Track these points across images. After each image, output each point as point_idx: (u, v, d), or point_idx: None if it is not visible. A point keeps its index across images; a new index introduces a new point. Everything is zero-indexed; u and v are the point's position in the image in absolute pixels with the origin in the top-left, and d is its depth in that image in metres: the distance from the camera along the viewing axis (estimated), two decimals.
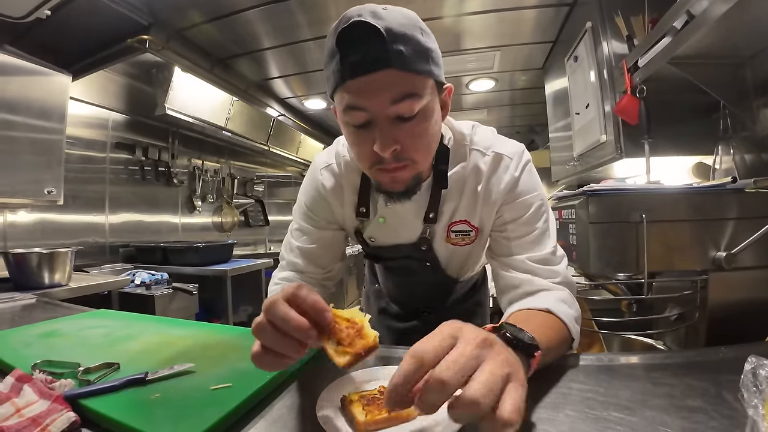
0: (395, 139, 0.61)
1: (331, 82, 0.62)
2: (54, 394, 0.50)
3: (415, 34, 0.59)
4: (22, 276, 1.67)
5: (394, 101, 0.59)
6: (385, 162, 0.64)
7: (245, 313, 3.04)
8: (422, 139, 0.65)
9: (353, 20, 0.55)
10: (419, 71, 0.60)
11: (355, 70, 0.58)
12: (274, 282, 0.91)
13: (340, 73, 0.59)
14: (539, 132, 4.23)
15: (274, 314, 0.43)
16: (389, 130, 0.61)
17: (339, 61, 0.59)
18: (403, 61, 0.58)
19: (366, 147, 0.64)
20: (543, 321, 0.63)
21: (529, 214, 0.76)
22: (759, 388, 0.42)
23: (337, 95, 0.63)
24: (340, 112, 0.65)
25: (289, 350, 0.44)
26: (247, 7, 2.12)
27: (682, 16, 1.18)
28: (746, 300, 1.00)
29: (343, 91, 0.61)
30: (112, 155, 2.75)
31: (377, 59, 0.57)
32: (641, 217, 0.98)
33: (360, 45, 0.56)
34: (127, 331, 0.84)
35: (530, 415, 0.47)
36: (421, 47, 0.60)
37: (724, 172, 1.42)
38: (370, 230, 0.86)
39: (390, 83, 0.58)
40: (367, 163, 0.67)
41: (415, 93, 0.60)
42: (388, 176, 0.67)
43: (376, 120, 0.61)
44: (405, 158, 0.64)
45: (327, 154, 0.87)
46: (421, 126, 0.63)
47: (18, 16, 1.67)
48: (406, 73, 0.59)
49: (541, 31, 2.41)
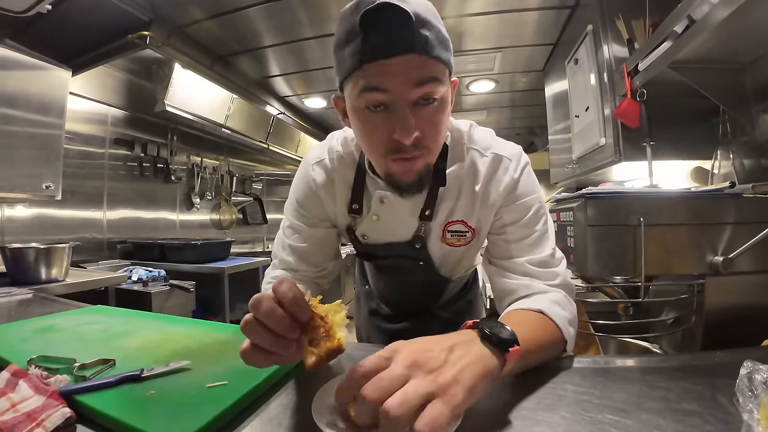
0: (416, 124, 0.60)
1: (346, 65, 0.60)
2: (49, 390, 0.49)
3: (437, 23, 0.59)
4: (19, 271, 1.66)
5: (418, 83, 0.58)
6: (403, 150, 0.62)
7: (242, 311, 3.03)
8: (439, 128, 0.64)
9: (380, 1, 0.54)
10: (442, 59, 0.60)
11: (378, 53, 0.57)
12: (266, 281, 0.89)
13: (359, 55, 0.57)
14: (539, 134, 4.24)
15: (258, 311, 0.44)
16: (410, 115, 0.59)
17: (360, 43, 0.57)
18: (428, 47, 0.57)
19: (381, 133, 0.62)
20: (530, 320, 0.63)
21: (528, 216, 0.76)
22: (754, 392, 0.42)
23: (350, 80, 0.61)
24: (353, 96, 0.61)
25: (275, 346, 0.45)
26: (248, 4, 2.11)
27: (683, 21, 1.18)
28: (743, 304, 1.00)
29: (361, 74, 0.59)
30: (110, 151, 2.75)
31: (404, 42, 0.56)
32: (639, 220, 0.98)
33: (386, 27, 0.55)
34: (124, 327, 0.84)
35: (526, 416, 0.48)
36: (442, 35, 0.60)
37: (723, 176, 1.42)
38: (363, 227, 0.85)
39: (415, 66, 0.57)
40: (381, 150, 0.64)
41: (438, 78, 0.59)
42: (403, 166, 0.65)
43: (396, 104, 0.59)
44: (423, 146, 0.63)
45: (319, 149, 0.85)
46: (439, 114, 0.63)
47: (19, 10, 1.66)
48: (431, 59, 0.58)
49: (541, 33, 2.41)
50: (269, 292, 0.46)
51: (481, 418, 0.48)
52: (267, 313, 0.44)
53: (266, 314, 0.44)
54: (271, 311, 0.44)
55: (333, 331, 0.47)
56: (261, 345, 0.45)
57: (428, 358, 0.41)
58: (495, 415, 0.49)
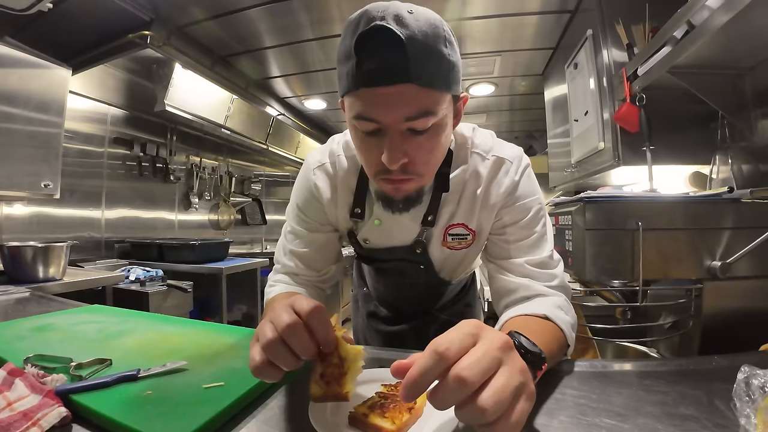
0: (404, 152, 0.60)
1: (344, 83, 0.59)
2: (46, 389, 0.49)
3: (440, 48, 0.56)
4: (17, 269, 1.66)
5: (409, 118, 0.57)
6: (392, 173, 0.62)
7: (240, 312, 3.03)
8: (431, 154, 0.64)
9: (375, 24, 0.52)
10: (438, 88, 0.57)
11: (371, 80, 0.55)
12: (269, 284, 0.89)
13: (354, 79, 0.56)
14: (537, 138, 4.25)
15: (291, 338, 0.43)
16: (399, 143, 0.59)
17: (355, 66, 0.55)
18: (423, 78, 0.55)
19: (374, 155, 0.62)
20: (543, 329, 0.62)
21: (528, 217, 0.76)
22: (751, 397, 0.42)
23: (348, 98, 0.61)
24: (350, 116, 0.62)
25: (294, 366, 0.45)
26: (249, 5, 2.12)
27: (683, 26, 1.18)
28: (740, 309, 1.00)
29: (356, 97, 0.58)
30: (110, 150, 2.75)
31: (396, 72, 0.54)
32: (637, 224, 0.98)
33: (379, 54, 0.53)
34: (121, 327, 0.83)
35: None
36: (443, 63, 0.57)
37: (721, 181, 1.43)
38: (365, 232, 0.84)
39: (407, 99, 0.56)
40: (372, 170, 0.65)
41: (430, 111, 0.58)
42: (392, 186, 0.65)
43: (387, 131, 0.59)
44: (412, 172, 0.63)
45: (320, 153, 0.84)
46: (433, 141, 0.62)
47: (20, 8, 1.66)
48: (425, 89, 0.56)
49: (541, 37, 2.42)
50: (291, 306, 0.46)
51: None
52: (292, 333, 0.43)
53: (291, 335, 0.43)
54: (296, 332, 0.43)
55: (346, 380, 0.46)
56: (281, 366, 0.44)
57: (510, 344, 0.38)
58: None
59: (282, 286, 0.85)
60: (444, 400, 0.34)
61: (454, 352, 0.35)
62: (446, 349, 0.35)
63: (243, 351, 0.68)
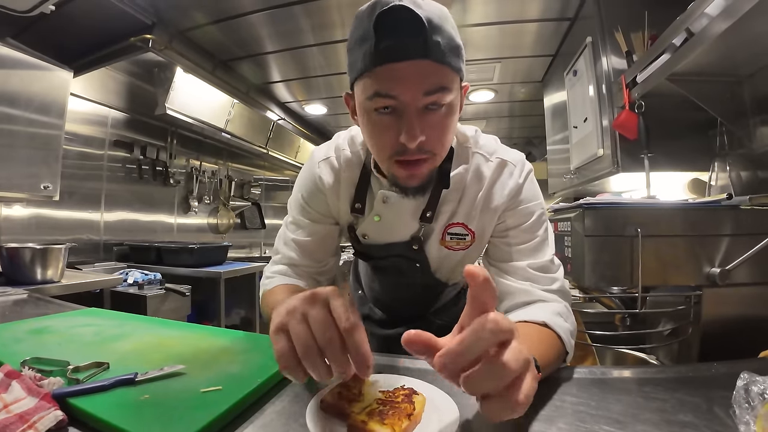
0: (422, 129, 0.61)
1: (358, 66, 0.61)
2: (42, 392, 0.49)
3: (450, 29, 0.60)
4: (15, 270, 1.66)
5: (427, 92, 0.59)
6: (408, 152, 0.63)
7: (238, 316, 3.02)
8: (445, 133, 0.65)
9: (395, 4, 0.54)
10: (452, 66, 0.60)
11: (390, 56, 0.57)
12: (266, 276, 0.89)
13: (371, 56, 0.58)
14: (537, 144, 4.26)
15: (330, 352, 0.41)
16: (417, 120, 0.60)
17: (373, 45, 0.57)
18: (441, 54, 0.58)
19: (389, 135, 0.63)
20: (540, 337, 0.62)
21: (531, 221, 0.76)
22: (751, 404, 0.42)
23: (361, 81, 0.62)
24: (362, 99, 0.63)
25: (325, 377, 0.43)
26: (251, 10, 2.13)
27: (682, 34, 1.19)
28: (739, 316, 1.00)
29: (373, 76, 0.59)
30: (110, 153, 2.75)
31: (416, 48, 0.56)
32: (636, 231, 0.98)
33: (399, 31, 0.55)
34: (118, 330, 0.83)
35: (523, 428, 0.47)
36: (454, 42, 0.60)
37: (720, 188, 1.43)
38: (364, 227, 0.85)
39: (425, 74, 0.58)
40: (387, 152, 0.65)
41: (447, 86, 0.60)
42: (406, 171, 0.66)
43: (405, 109, 0.60)
44: (427, 150, 0.64)
45: (326, 147, 0.86)
46: (447, 119, 0.63)
47: (22, 10, 1.67)
48: (441, 66, 0.58)
49: (541, 44, 2.43)
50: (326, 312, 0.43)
51: (477, 429, 0.48)
52: (332, 348, 0.41)
53: (331, 349, 0.41)
54: (335, 348, 0.41)
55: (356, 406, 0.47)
56: (314, 376, 0.43)
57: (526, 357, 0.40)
58: (491, 427, 0.49)
59: (280, 278, 0.85)
60: (479, 385, 0.37)
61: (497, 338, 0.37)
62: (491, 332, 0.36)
63: (241, 355, 0.68)
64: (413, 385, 0.53)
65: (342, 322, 0.41)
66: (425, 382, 0.54)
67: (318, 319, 0.42)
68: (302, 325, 0.43)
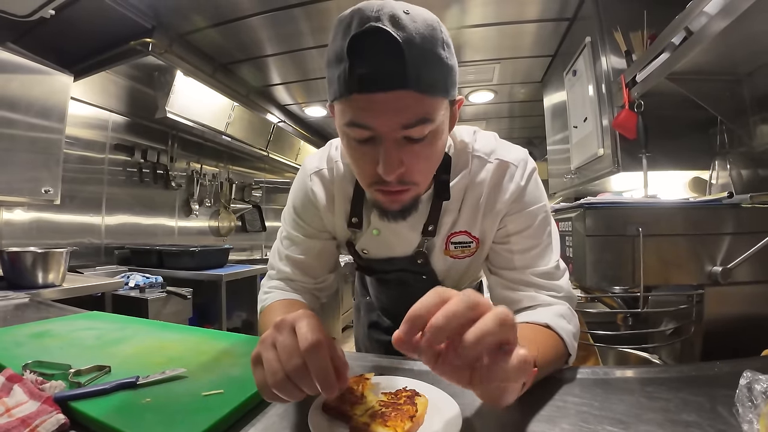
0: (401, 161, 0.56)
1: (334, 88, 0.55)
2: (44, 396, 0.49)
3: (437, 51, 0.53)
4: (16, 275, 1.66)
5: (405, 126, 0.54)
6: (388, 184, 0.59)
7: (239, 319, 3.02)
8: (428, 162, 0.61)
9: (370, 26, 0.49)
10: (436, 94, 0.54)
11: (366, 86, 0.51)
12: (263, 291, 0.85)
13: (346, 84, 0.52)
14: (537, 144, 4.26)
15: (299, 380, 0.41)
16: (396, 152, 0.56)
17: (347, 70, 0.51)
18: (422, 83, 0.52)
19: (368, 165, 0.58)
20: (540, 337, 0.61)
21: (534, 226, 0.72)
22: (754, 402, 0.42)
23: (339, 104, 0.56)
24: (341, 123, 0.58)
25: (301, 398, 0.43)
26: (250, 13, 2.13)
27: (681, 33, 1.19)
28: (742, 315, 1.00)
29: (348, 103, 0.54)
30: (110, 156, 2.75)
31: (392, 78, 0.50)
32: (638, 230, 0.98)
33: (374, 58, 0.50)
34: (120, 334, 0.83)
35: (526, 429, 0.47)
36: (442, 67, 0.54)
37: (721, 187, 1.43)
38: (363, 242, 0.81)
39: (404, 106, 0.52)
40: (367, 180, 0.62)
41: (428, 118, 0.54)
42: (387, 198, 0.62)
43: (382, 139, 0.55)
44: (408, 182, 0.60)
45: (318, 158, 0.81)
46: (430, 148, 0.59)
47: (22, 14, 1.68)
48: (422, 96, 0.53)
49: (540, 44, 2.43)
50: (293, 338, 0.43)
51: (480, 431, 0.47)
52: (300, 377, 0.41)
53: (299, 378, 0.41)
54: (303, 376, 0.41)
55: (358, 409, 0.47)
56: (292, 400, 0.43)
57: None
58: (494, 428, 0.49)
59: (278, 293, 0.82)
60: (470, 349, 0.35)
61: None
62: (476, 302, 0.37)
63: (242, 358, 0.68)
64: (415, 387, 0.53)
65: (302, 344, 0.41)
66: (427, 384, 0.54)
67: (284, 346, 0.42)
68: (271, 353, 0.43)
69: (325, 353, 0.41)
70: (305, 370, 0.41)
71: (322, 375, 0.41)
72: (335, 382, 0.42)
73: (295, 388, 0.42)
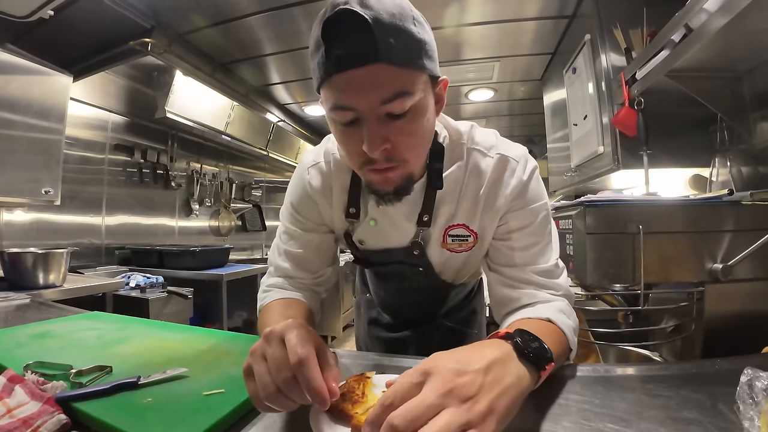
0: (385, 137, 0.57)
1: (317, 75, 0.58)
2: (45, 396, 0.49)
3: (407, 25, 0.54)
4: (17, 275, 1.66)
5: (384, 101, 0.55)
6: (376, 162, 0.60)
7: (240, 319, 3.02)
8: (414, 138, 0.61)
9: (339, 8, 0.51)
10: (411, 66, 0.56)
11: (341, 65, 0.53)
12: (263, 290, 0.85)
13: (324, 66, 0.55)
14: (537, 142, 4.26)
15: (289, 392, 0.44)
16: (379, 128, 0.57)
17: (324, 54, 0.54)
18: (394, 56, 0.53)
19: (355, 146, 0.60)
20: (546, 331, 0.60)
21: (535, 223, 0.73)
22: (755, 400, 0.42)
23: (323, 90, 0.59)
24: (327, 110, 0.60)
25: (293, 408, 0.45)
26: (249, 12, 2.13)
27: (681, 30, 1.19)
28: (742, 312, 1.00)
29: (329, 86, 0.56)
30: (110, 157, 2.75)
31: (365, 53, 0.52)
32: (638, 228, 0.98)
33: (346, 36, 0.52)
34: (121, 334, 0.83)
35: (528, 427, 0.47)
36: (413, 39, 0.55)
37: (721, 184, 1.43)
38: (360, 233, 0.82)
39: (379, 80, 0.54)
40: (356, 162, 0.63)
41: (406, 91, 0.56)
42: (379, 176, 0.63)
43: (365, 118, 0.57)
44: (396, 159, 0.61)
45: (315, 152, 0.82)
46: (414, 124, 0.59)
47: (21, 15, 1.68)
48: (397, 68, 0.54)
49: (540, 42, 2.43)
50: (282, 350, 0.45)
51: None
52: (290, 389, 0.44)
53: (289, 390, 0.44)
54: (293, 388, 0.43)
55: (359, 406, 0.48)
56: (283, 411, 0.46)
57: (463, 385, 0.39)
58: None
59: (277, 292, 0.82)
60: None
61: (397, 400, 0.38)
62: (392, 397, 0.38)
63: (243, 358, 0.67)
64: None
65: (291, 357, 0.44)
66: None
67: (273, 358, 0.45)
68: (262, 365, 0.45)
69: (314, 365, 0.44)
70: (296, 383, 0.43)
71: (311, 389, 0.43)
72: (326, 396, 0.44)
73: (287, 400, 0.44)
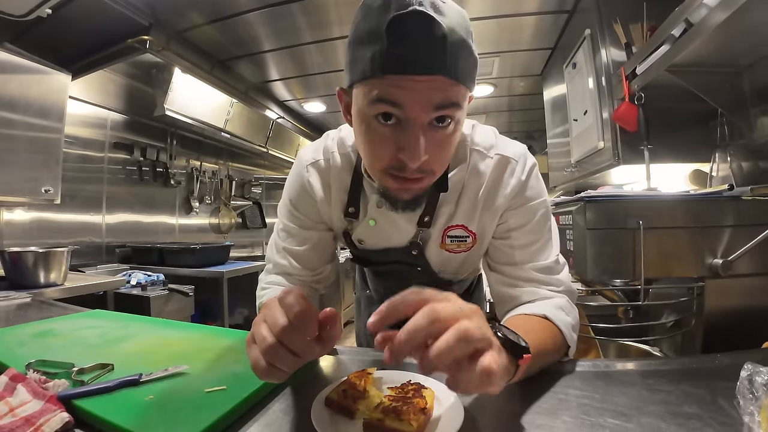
0: (426, 148, 0.55)
1: (363, 68, 0.54)
2: (48, 394, 0.49)
3: (469, 41, 0.54)
4: (18, 275, 1.66)
5: (438, 107, 0.54)
6: (406, 170, 0.58)
7: (241, 316, 3.03)
8: (447, 150, 0.60)
9: (414, 9, 0.49)
10: (465, 82, 0.55)
11: (403, 67, 0.51)
12: (261, 287, 0.85)
13: (381, 62, 0.51)
14: (537, 138, 4.25)
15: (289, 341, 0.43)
16: (423, 138, 0.55)
17: (383, 50, 0.50)
18: (458, 71, 0.52)
19: (387, 148, 0.57)
20: (537, 326, 0.62)
21: (535, 221, 0.72)
22: (755, 395, 0.42)
23: (365, 84, 0.55)
24: (363, 103, 0.56)
25: (294, 366, 0.45)
26: (248, 9, 2.12)
27: (681, 25, 1.18)
28: (742, 307, 1.00)
29: (379, 82, 0.53)
30: (110, 155, 2.75)
31: (431, 63, 0.51)
32: (638, 223, 0.98)
33: (414, 39, 0.50)
34: (122, 332, 0.83)
35: (528, 421, 0.47)
36: (472, 57, 0.55)
37: (721, 179, 1.43)
38: (359, 232, 0.81)
39: (438, 89, 0.52)
40: (380, 164, 0.60)
41: (457, 103, 0.55)
42: (399, 185, 0.61)
43: (410, 123, 0.54)
44: (426, 170, 0.59)
45: (313, 149, 0.80)
46: (451, 137, 0.59)
47: (19, 14, 1.67)
48: (455, 83, 0.53)
49: (540, 37, 2.42)
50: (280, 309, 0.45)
51: (482, 422, 0.48)
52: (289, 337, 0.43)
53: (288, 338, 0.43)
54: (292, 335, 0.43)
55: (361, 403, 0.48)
56: (284, 368, 0.44)
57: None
58: (496, 420, 0.49)
59: (275, 289, 0.81)
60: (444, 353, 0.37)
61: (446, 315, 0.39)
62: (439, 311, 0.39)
63: (245, 355, 0.67)
64: (418, 380, 0.53)
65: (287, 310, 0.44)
66: (427, 376, 0.55)
67: (271, 316, 0.45)
68: (261, 326, 0.45)
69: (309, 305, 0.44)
70: (293, 330, 0.43)
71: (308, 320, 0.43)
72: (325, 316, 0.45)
73: (286, 352, 0.43)
